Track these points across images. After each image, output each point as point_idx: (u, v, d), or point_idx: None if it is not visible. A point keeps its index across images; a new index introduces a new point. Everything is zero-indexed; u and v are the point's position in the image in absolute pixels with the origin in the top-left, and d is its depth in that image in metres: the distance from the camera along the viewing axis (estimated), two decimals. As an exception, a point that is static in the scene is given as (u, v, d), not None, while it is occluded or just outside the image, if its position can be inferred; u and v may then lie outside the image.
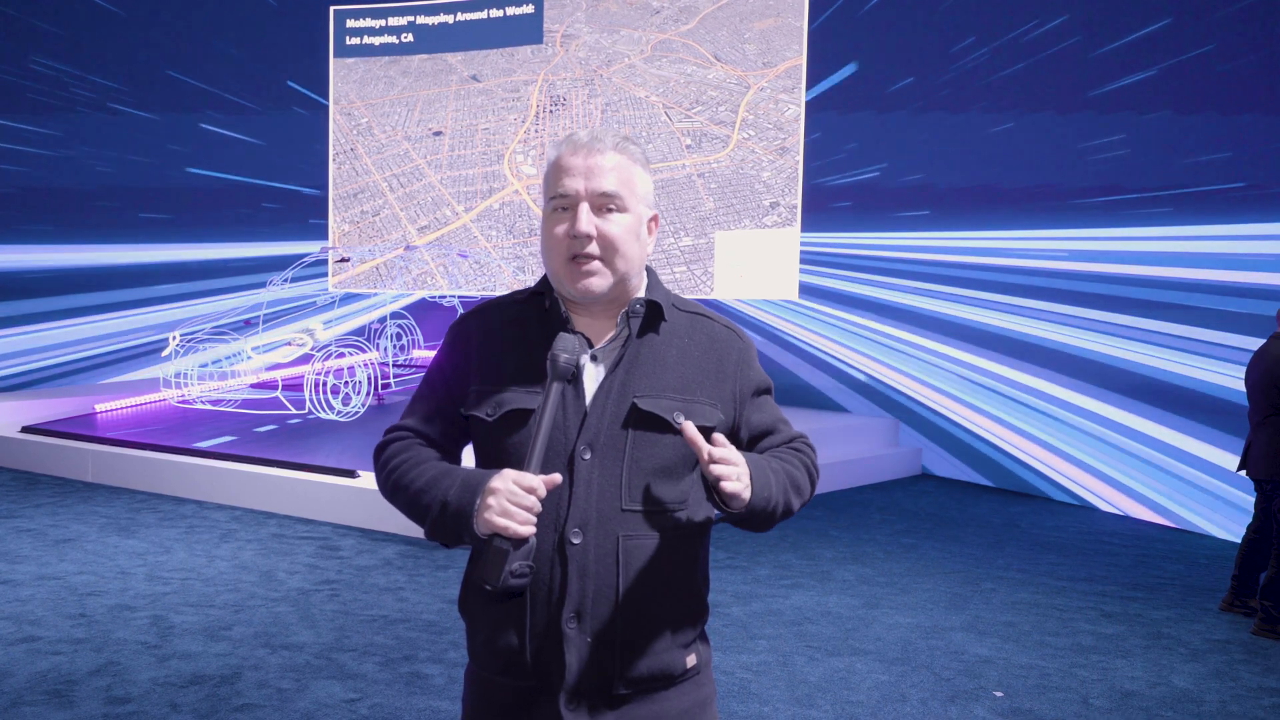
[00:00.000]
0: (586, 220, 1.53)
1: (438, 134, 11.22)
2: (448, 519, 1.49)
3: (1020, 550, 6.35)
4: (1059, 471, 8.01)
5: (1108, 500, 7.67)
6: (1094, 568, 5.99)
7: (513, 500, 1.42)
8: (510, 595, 1.51)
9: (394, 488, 1.61)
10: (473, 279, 11.00)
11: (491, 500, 1.43)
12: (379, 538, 6.17)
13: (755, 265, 9.69)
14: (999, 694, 4.02)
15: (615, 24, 10.44)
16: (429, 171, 11.25)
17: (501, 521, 1.41)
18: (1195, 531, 7.01)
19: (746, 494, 1.46)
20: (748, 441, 1.66)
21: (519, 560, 1.43)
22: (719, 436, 1.48)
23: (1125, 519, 7.40)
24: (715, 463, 1.44)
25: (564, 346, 1.49)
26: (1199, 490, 7.06)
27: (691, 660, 1.60)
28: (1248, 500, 5.81)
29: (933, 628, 4.79)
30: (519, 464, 1.53)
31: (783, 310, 9.63)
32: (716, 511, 1.55)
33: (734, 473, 1.45)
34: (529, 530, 1.42)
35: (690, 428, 1.46)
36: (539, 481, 1.43)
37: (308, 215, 11.65)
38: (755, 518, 1.52)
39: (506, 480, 1.43)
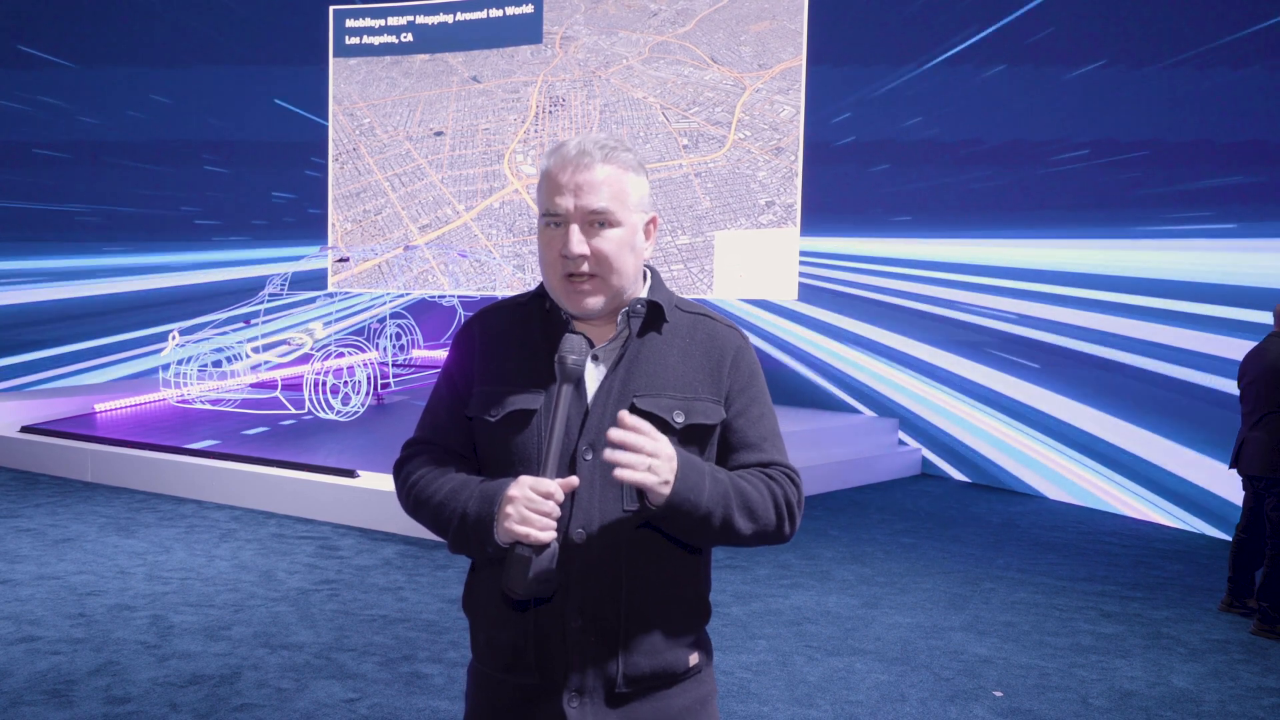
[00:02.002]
0: (578, 241, 1.52)
1: (439, 134, 11.25)
2: (469, 531, 1.50)
3: (1019, 550, 6.35)
4: (1058, 472, 8.01)
5: (1107, 500, 7.67)
6: (1093, 568, 5.99)
7: (531, 507, 1.42)
8: (538, 602, 1.52)
9: (415, 504, 1.61)
10: (473, 278, 11.02)
11: (510, 509, 1.43)
12: (379, 537, 6.17)
13: (755, 266, 9.70)
14: (998, 694, 4.03)
15: (613, 26, 10.48)
16: (430, 171, 11.28)
17: (521, 529, 1.41)
18: (1195, 531, 7.01)
19: (663, 489, 1.42)
20: (725, 447, 1.62)
21: (542, 566, 1.42)
22: (641, 423, 1.42)
23: (1125, 519, 7.40)
24: (614, 444, 1.40)
25: (571, 348, 1.49)
26: (1198, 490, 7.05)
27: (694, 659, 1.60)
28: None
29: (932, 627, 4.79)
30: (523, 464, 1.54)
31: (783, 310, 9.64)
32: (634, 505, 1.50)
33: (638, 460, 1.40)
34: (550, 536, 1.42)
35: (626, 416, 1.43)
36: (556, 486, 1.43)
37: (307, 214, 11.66)
38: (677, 520, 1.47)
39: (523, 487, 1.43)
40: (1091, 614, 5.07)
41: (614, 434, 1.41)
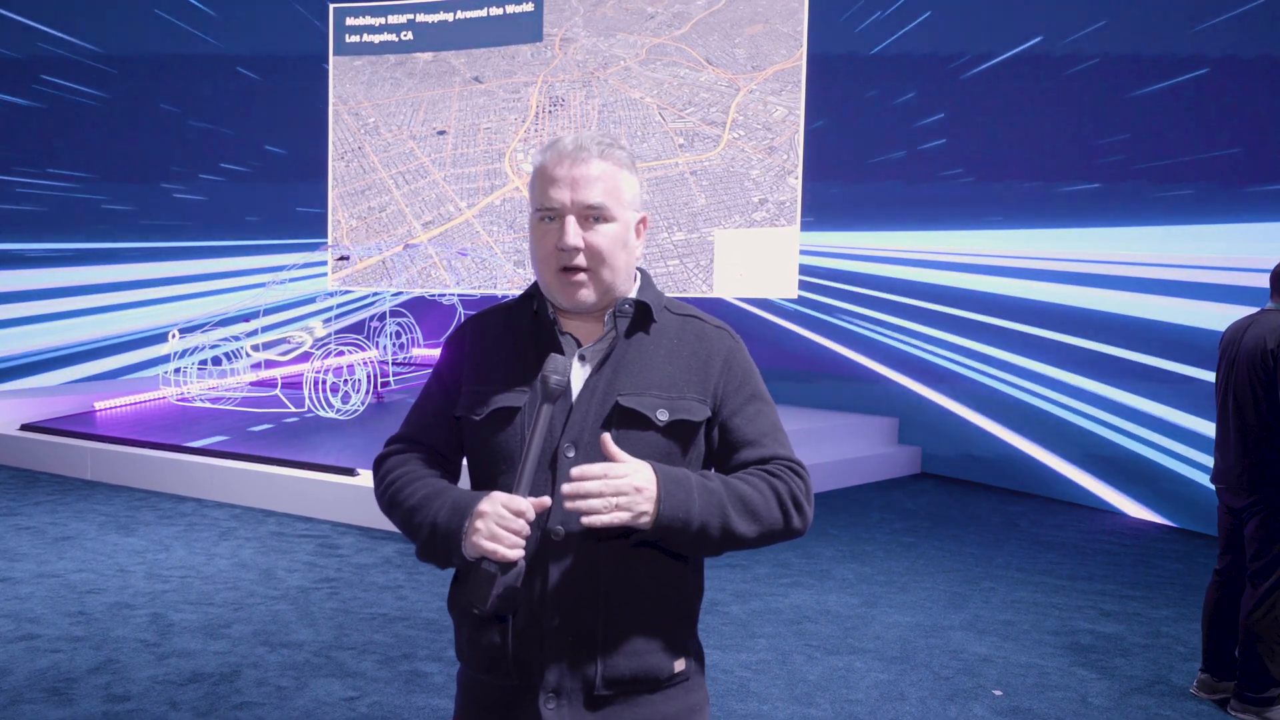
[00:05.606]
0: (574, 234, 1.51)
1: (441, 133, 11.29)
2: (437, 541, 1.49)
3: (1019, 549, 6.35)
4: (1058, 471, 8.01)
5: (1107, 500, 7.66)
6: (1093, 567, 5.99)
7: (501, 524, 1.40)
8: (499, 619, 1.51)
9: (390, 504, 1.61)
10: (473, 274, 11.04)
11: (479, 524, 1.42)
12: (378, 536, 6.17)
13: (755, 264, 9.73)
14: (998, 692, 4.03)
15: (611, 28, 10.56)
16: (433, 169, 11.32)
17: (489, 545, 1.40)
18: (1195, 531, 7.00)
19: (642, 521, 1.40)
20: (724, 448, 1.60)
21: (507, 584, 1.42)
22: (594, 467, 1.41)
23: (1125, 519, 7.40)
24: (569, 496, 1.38)
25: (554, 368, 1.46)
26: (1198, 490, 7.05)
27: (680, 665, 1.57)
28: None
29: (932, 626, 4.79)
30: (505, 461, 1.53)
31: (782, 309, 9.65)
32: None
33: (602, 504, 1.37)
34: (517, 554, 1.41)
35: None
36: (528, 505, 1.42)
37: (307, 213, 11.66)
38: (671, 540, 1.46)
39: (495, 503, 1.42)
40: (1091, 613, 5.07)
41: (566, 489, 1.39)
